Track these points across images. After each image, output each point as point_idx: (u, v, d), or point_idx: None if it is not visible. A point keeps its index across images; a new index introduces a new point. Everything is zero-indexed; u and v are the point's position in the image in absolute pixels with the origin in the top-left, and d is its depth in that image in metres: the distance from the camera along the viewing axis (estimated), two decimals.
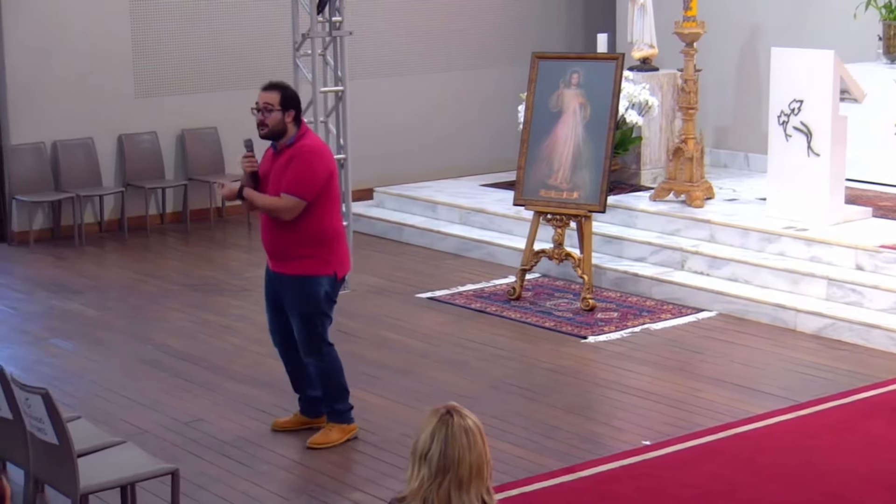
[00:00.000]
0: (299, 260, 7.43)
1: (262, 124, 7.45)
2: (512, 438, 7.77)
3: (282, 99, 7.43)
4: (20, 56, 13.13)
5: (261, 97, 7.49)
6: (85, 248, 13.05)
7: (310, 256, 7.44)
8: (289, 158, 7.39)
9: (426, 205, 13.61)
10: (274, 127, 7.42)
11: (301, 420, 7.92)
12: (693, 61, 11.80)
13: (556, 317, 10.41)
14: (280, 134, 7.45)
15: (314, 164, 7.39)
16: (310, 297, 7.48)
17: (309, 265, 7.45)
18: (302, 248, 7.41)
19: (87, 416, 7.20)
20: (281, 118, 7.41)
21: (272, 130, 7.44)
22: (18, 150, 13.21)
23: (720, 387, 8.73)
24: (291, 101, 7.47)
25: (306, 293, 7.47)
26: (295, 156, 7.38)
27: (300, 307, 7.51)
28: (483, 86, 15.76)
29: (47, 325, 10.41)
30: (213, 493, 7.05)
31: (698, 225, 11.50)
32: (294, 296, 7.51)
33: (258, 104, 7.47)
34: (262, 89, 7.55)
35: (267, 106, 7.44)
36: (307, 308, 7.50)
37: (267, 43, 14.06)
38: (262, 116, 7.45)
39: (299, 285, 7.47)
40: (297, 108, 7.49)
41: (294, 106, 7.48)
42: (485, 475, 4.03)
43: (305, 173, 7.35)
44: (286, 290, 7.53)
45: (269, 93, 7.49)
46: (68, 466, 5.87)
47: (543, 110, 11.04)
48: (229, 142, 14.07)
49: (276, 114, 7.42)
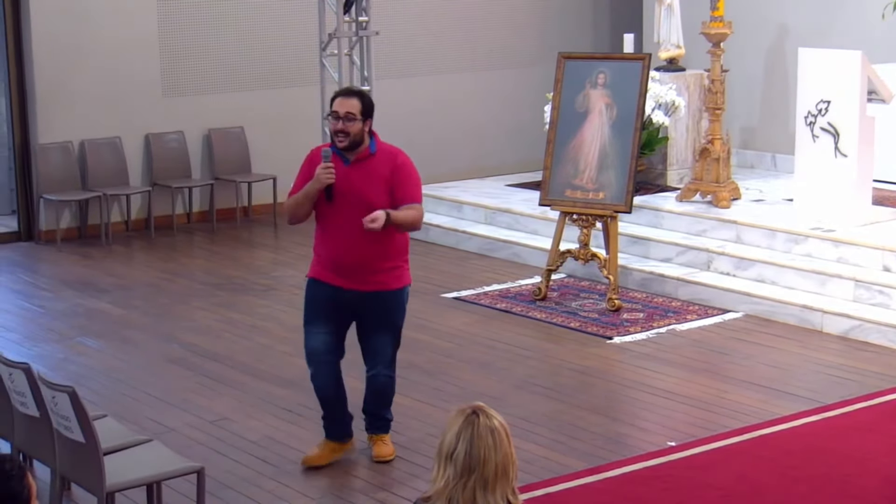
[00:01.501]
0: (389, 272, 7.15)
1: (342, 132, 7.02)
2: (537, 439, 7.76)
3: (363, 107, 7.07)
4: (48, 56, 13.18)
5: (340, 105, 7.05)
6: (112, 247, 13.10)
7: (398, 267, 7.21)
8: (389, 166, 7.09)
9: (452, 205, 13.61)
10: (355, 136, 7.04)
11: (332, 448, 7.43)
12: (720, 61, 11.77)
13: (582, 317, 10.40)
14: (358, 144, 7.07)
15: (415, 169, 7.26)
16: (402, 308, 7.27)
17: (399, 276, 7.21)
18: (391, 259, 7.14)
19: (114, 414, 7.22)
20: (361, 127, 7.05)
21: (353, 140, 7.05)
22: (46, 150, 13.27)
23: (746, 388, 8.70)
24: (370, 109, 7.14)
25: (399, 305, 7.25)
26: (401, 165, 7.13)
27: (395, 321, 7.25)
28: (509, 86, 15.75)
29: (74, 324, 10.45)
30: (239, 492, 7.07)
31: (725, 225, 11.47)
32: (387, 310, 7.20)
33: (337, 112, 7.03)
34: (341, 96, 7.13)
35: (349, 115, 7.01)
36: (400, 320, 7.28)
37: (294, 43, 14.09)
38: (342, 125, 7.02)
39: (393, 299, 7.20)
40: (373, 116, 7.16)
41: (372, 114, 7.15)
42: (510, 475, 4.02)
43: (418, 178, 7.24)
44: (374, 307, 7.17)
45: (349, 100, 7.07)
46: (95, 465, 5.88)
47: (570, 110, 11.02)
48: (256, 141, 14.10)
49: (357, 123, 7.03)
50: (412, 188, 7.15)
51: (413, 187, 7.16)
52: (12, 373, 6.27)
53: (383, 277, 7.12)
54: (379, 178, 7.06)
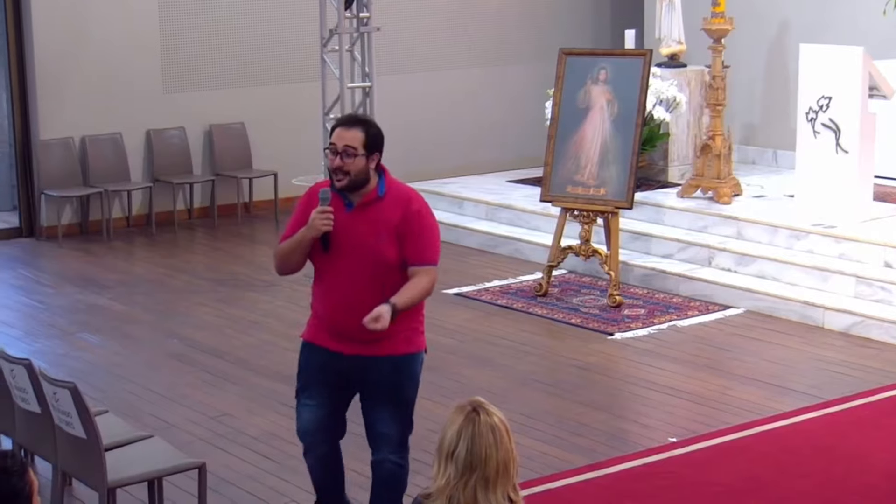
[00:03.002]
0: (398, 335, 5.87)
1: (340, 171, 5.72)
2: (538, 435, 7.76)
3: (366, 139, 5.74)
4: (49, 51, 13.17)
5: (339, 136, 5.74)
6: (113, 243, 13.10)
7: (410, 329, 5.96)
8: (399, 212, 5.81)
9: (453, 200, 13.60)
10: (357, 175, 5.72)
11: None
12: (721, 58, 11.77)
13: (583, 313, 10.40)
14: (362, 184, 5.76)
15: (434, 223, 5.95)
16: (411, 378, 6.03)
17: (410, 340, 5.98)
18: (401, 320, 5.79)
19: (115, 410, 7.22)
20: (364, 164, 5.73)
21: (355, 180, 5.74)
22: (47, 145, 13.26)
23: (747, 384, 8.70)
24: (378, 142, 5.79)
25: (410, 375, 6.01)
26: (415, 213, 5.84)
27: (401, 393, 5.99)
28: (510, 82, 15.74)
29: (75, 320, 10.45)
30: (240, 488, 7.07)
31: (726, 222, 11.46)
32: (394, 381, 5.95)
33: (335, 146, 5.74)
34: (340, 126, 5.81)
35: (349, 149, 5.70)
36: (408, 393, 6.03)
37: (295, 38, 14.08)
38: (340, 162, 5.71)
39: (401, 366, 5.96)
40: (381, 151, 5.82)
41: (379, 148, 5.80)
42: (511, 473, 4.02)
43: (435, 230, 5.94)
44: (379, 377, 5.93)
45: (350, 131, 5.75)
46: (96, 460, 5.89)
47: (571, 106, 11.02)
48: (257, 137, 14.10)
49: (359, 159, 5.72)
50: (427, 245, 5.85)
51: (428, 244, 5.85)
52: (13, 368, 6.28)
53: (391, 341, 5.87)
54: (387, 227, 5.80)
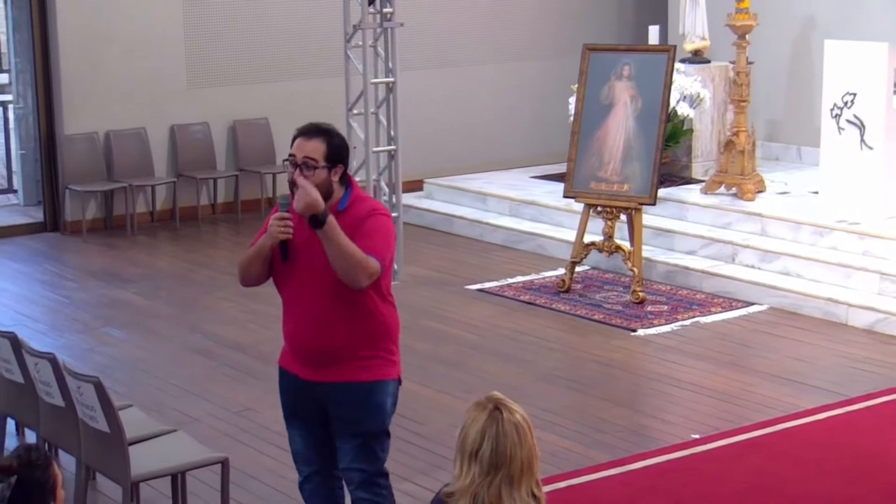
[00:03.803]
0: (363, 361, 5.39)
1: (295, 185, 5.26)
2: (561, 431, 7.76)
3: (328, 150, 5.31)
4: (74, 47, 13.22)
5: (299, 147, 5.31)
6: (137, 238, 13.14)
7: (375, 357, 5.43)
8: (353, 224, 5.29)
9: (476, 196, 13.61)
10: (318, 188, 5.23)
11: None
12: (745, 53, 11.74)
13: (606, 309, 10.39)
14: (324, 197, 5.24)
15: (390, 227, 5.40)
16: (375, 411, 5.44)
17: (375, 368, 5.43)
18: (368, 345, 5.39)
19: (139, 404, 7.25)
20: (326, 177, 5.29)
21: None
22: (72, 140, 13.31)
23: (770, 381, 8.68)
24: (340, 153, 5.35)
25: (374, 406, 5.44)
26: (370, 216, 5.34)
27: (362, 425, 5.44)
28: (534, 77, 15.73)
29: (99, 314, 10.49)
30: (263, 483, 7.09)
31: (749, 218, 11.44)
32: (354, 412, 5.41)
33: (294, 157, 5.30)
34: (300, 135, 5.35)
35: (308, 161, 5.27)
36: (371, 426, 5.45)
37: (318, 34, 14.09)
38: (300, 174, 5.26)
39: (362, 397, 5.41)
40: (345, 162, 5.38)
41: (342, 159, 5.36)
42: (535, 469, 4.02)
43: (385, 235, 5.35)
44: (341, 407, 5.42)
45: (310, 142, 5.30)
46: (119, 454, 5.91)
47: (594, 102, 11.00)
48: (280, 133, 14.12)
49: (320, 172, 5.28)
50: (372, 240, 5.28)
51: (374, 240, 5.28)
52: (38, 363, 6.31)
53: (353, 367, 5.38)
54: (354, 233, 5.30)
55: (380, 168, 11.35)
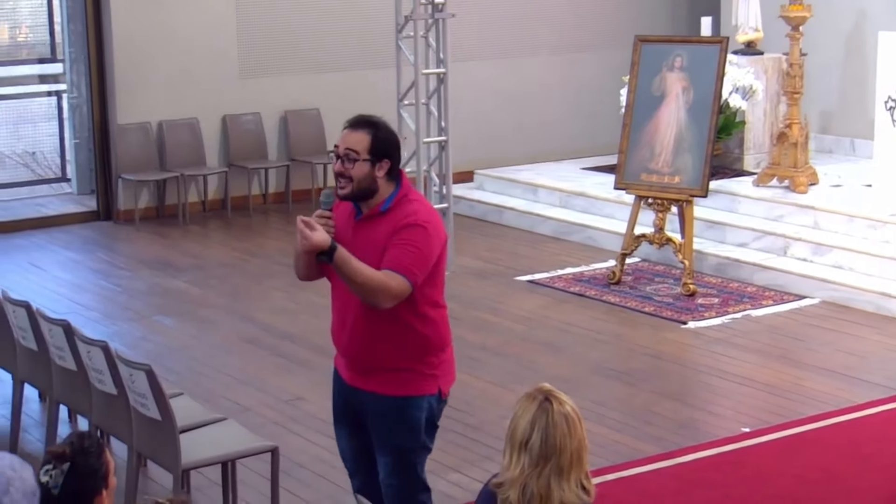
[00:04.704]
0: (394, 374, 5.20)
1: (342, 177, 5.10)
2: (610, 423, 7.75)
3: (372, 143, 5.08)
4: (127, 37, 13.30)
5: (343, 139, 5.12)
6: (188, 227, 13.21)
7: (409, 370, 5.21)
8: (390, 231, 5.08)
9: (526, 187, 13.60)
10: (360, 183, 5.08)
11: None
12: (799, 45, 11.66)
13: (656, 302, 10.36)
14: (368, 193, 5.12)
15: (427, 239, 5.10)
16: (408, 426, 5.25)
17: (408, 382, 5.21)
18: (400, 358, 5.18)
19: (189, 392, 7.29)
20: (369, 171, 5.08)
21: (357, 188, 5.11)
22: (125, 130, 13.40)
23: (822, 375, 8.63)
24: (386, 147, 5.11)
25: (404, 422, 5.24)
26: (406, 226, 5.07)
27: (395, 440, 5.26)
28: (585, 69, 15.68)
29: (151, 303, 10.56)
30: (313, 472, 7.12)
31: (802, 211, 11.37)
32: (385, 425, 5.25)
33: (337, 148, 5.14)
34: (347, 127, 5.16)
35: (350, 153, 5.08)
36: (404, 441, 5.27)
37: (370, 25, 14.11)
38: (341, 166, 5.10)
39: (395, 411, 5.23)
40: (393, 157, 5.14)
41: (389, 153, 5.12)
42: (584, 461, 4.02)
43: (418, 249, 5.06)
44: (374, 418, 5.28)
45: (354, 133, 5.11)
46: (170, 442, 5.95)
47: (646, 94, 10.96)
48: (331, 123, 14.14)
49: (361, 165, 5.07)
50: (399, 253, 5.03)
51: (401, 252, 5.03)
52: (90, 350, 6.36)
53: (387, 379, 5.20)
54: (378, 241, 5.11)
55: (430, 159, 11.36)
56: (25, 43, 15.05)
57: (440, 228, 5.19)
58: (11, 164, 14.59)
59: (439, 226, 5.20)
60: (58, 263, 11.92)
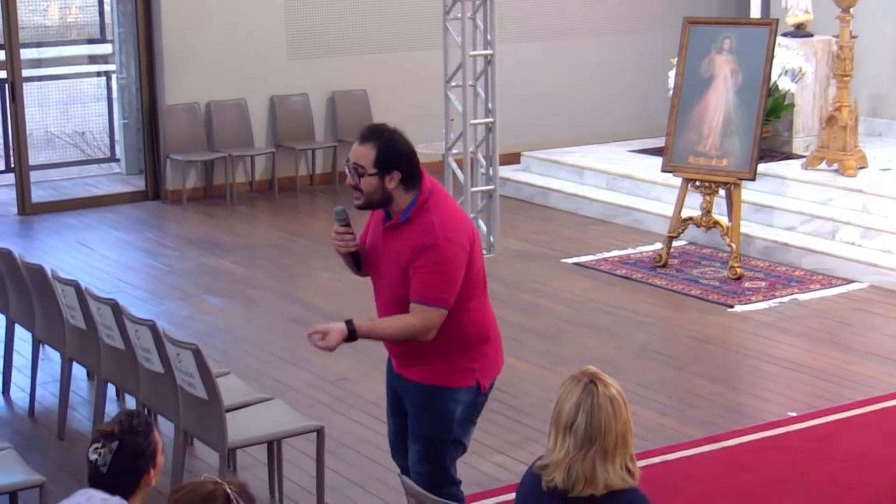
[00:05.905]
0: (431, 365, 5.22)
1: (355, 189, 5.15)
2: (656, 406, 7.74)
3: (378, 157, 5.06)
4: (176, 18, 13.35)
5: (353, 152, 5.14)
6: (236, 207, 13.27)
7: (446, 361, 5.21)
8: (410, 248, 5.09)
9: (573, 170, 13.57)
10: (371, 196, 5.13)
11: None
12: (849, 27, 11.56)
13: (703, 285, 10.32)
14: (382, 204, 5.17)
15: (451, 258, 5.04)
16: (438, 417, 5.26)
17: (441, 373, 5.22)
18: (437, 349, 5.17)
19: (236, 372, 7.32)
20: (378, 184, 5.08)
21: (369, 201, 5.15)
22: (173, 110, 13.47)
23: (870, 360, 8.58)
24: (392, 160, 5.07)
25: (434, 411, 5.26)
26: (424, 249, 5.04)
27: (425, 430, 5.29)
28: (633, 51, 15.61)
29: (199, 282, 10.62)
30: (358, 452, 7.15)
31: (851, 195, 11.29)
32: (417, 412, 5.31)
33: (349, 161, 5.17)
34: (357, 139, 5.17)
35: (357, 168, 5.10)
36: (434, 432, 5.28)
37: (417, 6, 14.10)
38: (352, 180, 5.15)
39: (425, 399, 5.27)
40: (403, 168, 5.08)
41: (398, 165, 5.07)
42: (629, 443, 4.02)
43: (440, 271, 5.04)
44: (410, 403, 5.35)
45: (361, 146, 5.09)
46: (217, 421, 5.99)
47: (694, 76, 10.91)
48: (378, 104, 14.16)
49: (369, 179, 5.08)
50: (423, 282, 5.05)
51: (425, 281, 5.04)
52: (138, 329, 6.40)
53: (423, 369, 5.25)
54: (400, 255, 5.14)
55: (477, 140, 11.35)
56: (75, 24, 15.16)
57: (462, 234, 5.12)
58: (61, 144, 14.70)
59: (460, 231, 5.12)
60: (106, 243, 12.00)
